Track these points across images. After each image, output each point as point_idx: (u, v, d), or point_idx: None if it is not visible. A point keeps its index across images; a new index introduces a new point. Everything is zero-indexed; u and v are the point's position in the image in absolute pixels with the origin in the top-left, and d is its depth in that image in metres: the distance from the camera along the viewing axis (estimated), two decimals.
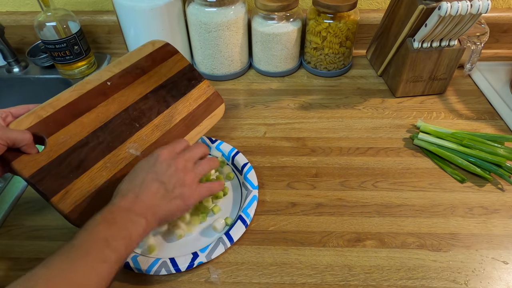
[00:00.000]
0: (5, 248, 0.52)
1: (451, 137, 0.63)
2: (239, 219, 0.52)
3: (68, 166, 0.46)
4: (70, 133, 0.47)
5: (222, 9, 0.73)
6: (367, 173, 0.61)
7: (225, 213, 0.56)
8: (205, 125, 0.60)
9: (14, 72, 0.87)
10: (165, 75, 0.59)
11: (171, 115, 0.57)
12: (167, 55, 0.61)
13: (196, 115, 0.59)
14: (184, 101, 0.59)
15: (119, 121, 0.52)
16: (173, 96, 0.58)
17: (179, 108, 0.58)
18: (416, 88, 0.75)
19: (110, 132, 0.50)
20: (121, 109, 0.53)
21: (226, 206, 0.57)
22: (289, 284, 0.47)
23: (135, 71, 0.57)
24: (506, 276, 0.47)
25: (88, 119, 0.50)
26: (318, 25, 0.76)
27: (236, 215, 0.54)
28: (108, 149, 0.49)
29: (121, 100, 0.54)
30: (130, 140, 0.52)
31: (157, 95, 0.57)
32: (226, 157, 0.63)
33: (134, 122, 0.53)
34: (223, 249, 0.49)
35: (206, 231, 0.54)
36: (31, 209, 0.57)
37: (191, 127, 0.58)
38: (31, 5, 0.89)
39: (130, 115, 0.53)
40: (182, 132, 0.57)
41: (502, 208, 0.55)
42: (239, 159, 0.61)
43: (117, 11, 0.74)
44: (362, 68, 0.86)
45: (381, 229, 0.53)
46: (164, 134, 0.55)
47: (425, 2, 0.63)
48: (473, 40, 0.73)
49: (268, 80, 0.83)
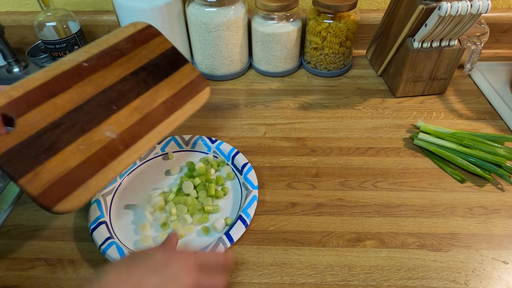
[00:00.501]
0: (5, 248, 0.52)
1: (451, 137, 0.63)
2: (239, 219, 0.52)
3: (39, 148, 0.44)
4: (42, 114, 0.45)
5: (222, 9, 0.73)
6: (367, 173, 0.61)
7: (225, 213, 0.56)
8: (188, 108, 0.57)
9: (14, 72, 0.87)
10: (147, 57, 0.56)
11: (151, 97, 0.54)
12: (149, 37, 0.58)
13: (179, 98, 0.57)
14: (166, 84, 0.56)
15: (95, 103, 0.49)
16: (154, 79, 0.56)
17: (161, 90, 0.55)
18: (416, 88, 0.75)
19: (85, 114, 0.48)
20: (97, 90, 0.50)
21: (226, 206, 0.57)
22: (289, 284, 0.47)
23: (114, 52, 0.54)
24: (506, 276, 0.47)
25: (61, 100, 0.47)
26: (318, 25, 0.76)
27: (236, 215, 0.54)
28: (82, 130, 0.47)
29: (98, 81, 0.51)
30: (107, 123, 0.49)
31: (137, 77, 0.54)
32: (226, 157, 0.63)
33: (112, 104, 0.50)
34: (223, 249, 0.49)
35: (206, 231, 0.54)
36: (31, 209, 0.57)
37: (172, 110, 0.55)
38: (31, 5, 0.89)
39: (107, 97, 0.50)
40: (163, 115, 0.54)
41: (502, 208, 0.56)
42: (239, 159, 0.61)
43: (117, 11, 0.74)
44: (362, 68, 0.86)
45: (381, 229, 0.53)
46: (144, 117, 0.52)
47: (425, 2, 0.63)
48: (473, 40, 0.73)
49: (268, 80, 0.83)
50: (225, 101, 0.77)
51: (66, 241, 0.52)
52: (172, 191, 0.57)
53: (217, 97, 0.78)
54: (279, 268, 0.49)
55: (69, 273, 0.49)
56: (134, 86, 0.53)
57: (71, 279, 0.48)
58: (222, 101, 0.77)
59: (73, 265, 0.50)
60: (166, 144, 0.65)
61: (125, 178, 0.61)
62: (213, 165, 0.61)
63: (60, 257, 0.51)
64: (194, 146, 0.66)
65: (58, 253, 0.51)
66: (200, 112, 0.74)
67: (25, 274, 0.49)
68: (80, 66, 0.51)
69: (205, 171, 0.59)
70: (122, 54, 0.55)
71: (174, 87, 0.57)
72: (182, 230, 0.53)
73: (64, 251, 0.51)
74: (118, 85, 0.52)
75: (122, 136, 0.49)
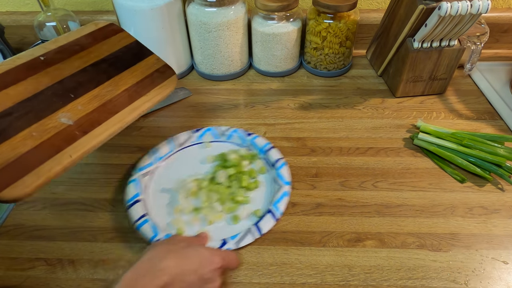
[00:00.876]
0: (5, 248, 0.52)
1: (451, 137, 0.63)
2: (269, 212, 0.53)
3: None
4: None
5: (222, 9, 0.73)
6: (367, 173, 0.61)
7: (256, 206, 0.56)
8: (153, 95, 0.56)
9: None
10: (108, 50, 0.56)
11: (113, 86, 0.54)
12: (111, 33, 0.58)
13: (143, 85, 0.56)
14: (129, 73, 0.56)
15: (51, 92, 0.49)
16: (116, 69, 0.55)
17: (123, 79, 0.55)
18: (416, 88, 0.75)
19: (39, 103, 0.48)
20: (54, 81, 0.50)
21: (257, 198, 0.58)
22: (289, 284, 0.47)
23: (74, 47, 0.54)
24: (506, 276, 0.47)
25: (14, 91, 0.47)
26: (318, 25, 0.76)
27: (266, 208, 0.55)
28: (35, 118, 0.46)
29: (55, 73, 0.51)
30: (63, 110, 0.49)
31: (97, 68, 0.54)
32: (260, 151, 0.63)
33: (69, 93, 0.50)
34: (251, 239, 0.51)
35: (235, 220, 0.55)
36: (31, 209, 0.57)
37: (135, 97, 0.55)
38: (31, 5, 0.89)
39: (64, 86, 0.50)
40: (124, 102, 0.54)
41: (502, 208, 0.56)
42: (273, 154, 0.62)
43: (117, 11, 0.74)
44: (362, 68, 0.86)
45: (381, 229, 0.53)
46: (103, 104, 0.51)
47: (425, 2, 0.63)
48: (473, 40, 0.73)
49: (268, 80, 0.83)
50: (225, 101, 0.77)
51: (66, 241, 0.52)
52: (206, 178, 0.59)
53: (217, 97, 0.78)
54: (279, 268, 0.49)
55: (69, 273, 0.49)
56: (94, 76, 0.53)
57: (71, 279, 0.48)
58: (222, 101, 0.77)
59: (73, 265, 0.50)
60: (202, 134, 0.67)
61: (162, 163, 0.63)
62: (247, 158, 0.62)
63: (60, 257, 0.51)
64: (229, 138, 0.67)
65: (58, 253, 0.51)
66: (200, 112, 0.74)
67: (25, 274, 0.49)
68: (36, 60, 0.51)
69: (238, 162, 0.60)
70: (82, 49, 0.55)
71: (138, 76, 0.56)
72: (212, 216, 0.54)
73: (64, 251, 0.51)
74: (76, 76, 0.52)
75: (79, 122, 0.48)
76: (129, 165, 0.63)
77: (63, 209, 0.57)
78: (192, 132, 0.66)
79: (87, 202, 0.58)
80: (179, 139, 0.65)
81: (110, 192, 0.59)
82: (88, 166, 0.63)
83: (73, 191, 0.59)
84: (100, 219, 0.55)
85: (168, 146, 0.64)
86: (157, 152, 0.63)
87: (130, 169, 0.62)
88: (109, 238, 0.53)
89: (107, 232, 0.54)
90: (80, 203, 0.57)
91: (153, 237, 0.50)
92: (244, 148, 0.65)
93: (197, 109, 0.75)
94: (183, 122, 0.72)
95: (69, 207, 0.57)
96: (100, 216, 0.56)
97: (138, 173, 0.59)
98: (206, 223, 0.54)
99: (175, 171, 0.61)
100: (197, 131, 0.66)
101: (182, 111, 0.74)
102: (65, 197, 0.58)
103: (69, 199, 0.58)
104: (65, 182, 0.61)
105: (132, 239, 0.52)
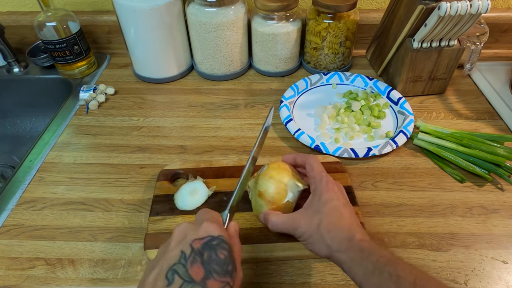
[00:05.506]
0: (5, 248, 0.52)
1: (450, 137, 0.63)
2: (401, 132, 0.65)
3: None
4: None
5: (222, 9, 0.73)
6: (367, 173, 0.61)
7: (387, 129, 0.68)
8: None
9: (14, 72, 0.87)
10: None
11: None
12: (333, 171, 0.58)
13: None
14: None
15: None
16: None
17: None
18: (415, 88, 0.75)
19: None
20: None
21: (385, 125, 0.70)
22: (289, 284, 0.47)
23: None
24: (505, 275, 0.48)
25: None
26: (318, 25, 0.76)
27: (396, 131, 0.67)
28: None
29: None
30: None
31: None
32: (382, 92, 0.75)
33: None
34: (390, 148, 0.62)
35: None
36: (31, 209, 0.57)
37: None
38: (31, 5, 0.89)
39: None
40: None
41: (502, 208, 0.56)
42: (395, 94, 0.73)
43: (117, 11, 0.74)
44: (362, 68, 0.86)
45: (380, 228, 0.53)
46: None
47: (424, 2, 0.63)
48: (473, 40, 0.73)
49: (268, 80, 0.83)
50: (225, 101, 0.77)
51: (66, 241, 0.52)
52: (342, 107, 0.72)
53: (217, 97, 0.78)
54: (279, 268, 0.49)
55: (69, 273, 0.49)
56: None
57: (71, 279, 0.48)
58: (222, 101, 0.77)
59: (73, 265, 0.50)
60: (330, 77, 0.79)
61: (301, 96, 0.76)
62: (371, 96, 0.74)
63: (60, 257, 0.51)
64: (353, 82, 0.79)
65: (58, 253, 0.51)
66: (200, 112, 0.74)
67: (25, 274, 0.49)
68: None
69: (366, 97, 0.73)
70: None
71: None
72: (352, 134, 0.66)
73: (64, 251, 0.51)
74: None
75: None
76: (129, 165, 0.63)
77: (63, 209, 0.57)
78: (323, 75, 0.79)
79: (87, 202, 0.58)
80: (311, 80, 0.78)
81: (110, 192, 0.59)
82: (88, 166, 0.63)
83: (73, 191, 0.59)
84: (100, 219, 0.55)
85: (304, 83, 0.77)
86: (298, 86, 0.76)
87: (130, 169, 0.62)
88: (109, 238, 0.53)
89: (107, 232, 0.54)
90: (80, 203, 0.57)
91: (311, 144, 0.63)
92: (367, 89, 0.77)
93: (197, 109, 0.75)
94: (183, 122, 0.72)
95: (69, 207, 0.57)
96: (100, 216, 0.56)
97: (286, 100, 0.72)
98: (347, 138, 0.66)
99: (313, 102, 0.75)
100: (326, 74, 0.79)
101: (182, 111, 0.75)
102: (65, 197, 0.58)
103: (69, 199, 0.58)
104: (65, 182, 0.61)
105: (132, 239, 0.53)
